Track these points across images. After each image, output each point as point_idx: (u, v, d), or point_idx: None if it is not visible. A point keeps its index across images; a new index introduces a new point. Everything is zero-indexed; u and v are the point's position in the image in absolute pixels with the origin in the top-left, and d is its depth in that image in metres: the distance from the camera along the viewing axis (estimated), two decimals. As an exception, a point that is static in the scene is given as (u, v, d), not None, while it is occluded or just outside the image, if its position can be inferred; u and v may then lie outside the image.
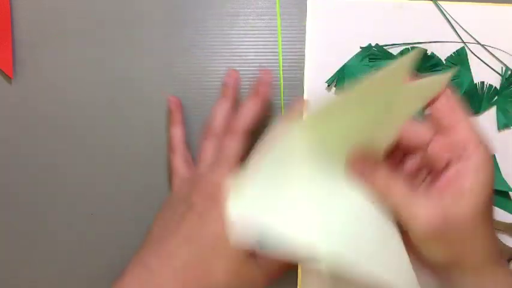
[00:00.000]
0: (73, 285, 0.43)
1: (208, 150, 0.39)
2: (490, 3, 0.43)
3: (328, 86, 0.43)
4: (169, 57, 0.43)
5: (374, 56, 0.42)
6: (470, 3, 0.43)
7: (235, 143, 0.38)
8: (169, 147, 0.41)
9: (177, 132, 0.41)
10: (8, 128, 0.43)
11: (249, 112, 0.39)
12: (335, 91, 0.43)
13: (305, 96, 0.43)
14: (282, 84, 0.43)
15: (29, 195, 0.43)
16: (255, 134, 0.39)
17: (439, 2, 0.43)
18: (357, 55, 0.42)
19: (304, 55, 0.43)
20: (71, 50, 0.43)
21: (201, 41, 0.43)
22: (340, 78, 0.42)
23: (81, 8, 0.43)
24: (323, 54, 0.43)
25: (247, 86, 0.43)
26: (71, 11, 0.43)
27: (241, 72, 0.43)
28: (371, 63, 0.42)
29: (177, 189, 0.39)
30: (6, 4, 0.42)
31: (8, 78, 0.43)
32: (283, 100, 0.43)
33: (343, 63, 0.42)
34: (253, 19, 0.43)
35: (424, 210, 0.30)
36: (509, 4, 0.43)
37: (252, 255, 0.36)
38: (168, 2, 0.43)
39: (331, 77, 0.42)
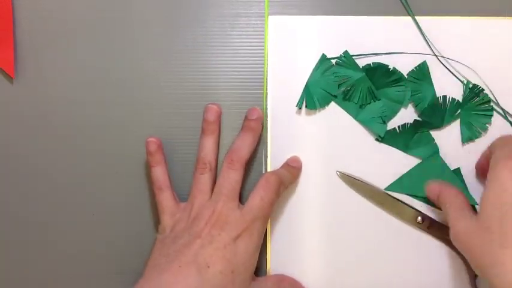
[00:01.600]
0: (73, 285, 0.44)
1: (204, 183, 0.40)
2: (451, 16, 0.42)
3: (300, 108, 0.42)
4: (171, 58, 0.43)
5: (340, 63, 0.42)
6: (429, 17, 0.42)
7: (237, 175, 0.40)
8: (155, 187, 0.41)
9: (161, 171, 0.41)
10: (9, 128, 0.43)
11: (246, 145, 0.41)
12: (306, 111, 0.42)
13: (269, 115, 0.43)
14: (265, 92, 0.43)
15: (29, 195, 0.43)
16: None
17: (402, 16, 0.42)
18: (315, 70, 0.42)
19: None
20: (72, 50, 0.43)
21: (201, 42, 0.43)
22: (308, 98, 0.42)
23: (82, 9, 0.43)
24: (286, 72, 0.43)
25: (249, 88, 0.43)
26: (72, 12, 0.43)
27: (243, 73, 0.43)
28: (334, 75, 0.42)
29: (170, 224, 0.40)
30: (8, 4, 0.43)
31: (10, 78, 0.43)
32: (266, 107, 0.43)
33: (305, 82, 0.42)
34: (255, 20, 0.43)
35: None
36: (475, 17, 0.42)
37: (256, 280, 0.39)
38: (168, 3, 0.43)
39: (299, 99, 0.42)
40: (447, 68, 0.42)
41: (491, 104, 0.42)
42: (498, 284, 0.32)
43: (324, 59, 0.42)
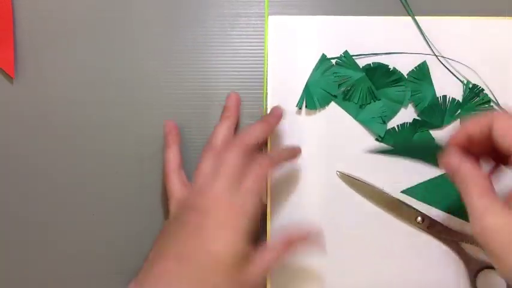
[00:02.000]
0: (73, 285, 0.44)
1: (206, 164, 0.39)
2: (451, 16, 0.42)
3: (300, 108, 0.42)
4: (171, 58, 0.43)
5: (340, 63, 0.42)
6: (429, 17, 0.42)
7: (233, 156, 0.37)
8: (165, 170, 0.40)
9: (173, 155, 0.41)
10: (9, 128, 0.43)
11: (251, 131, 0.39)
12: (306, 111, 0.42)
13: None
14: (265, 92, 0.43)
15: (29, 195, 0.43)
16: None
17: (402, 16, 0.43)
18: (315, 70, 0.42)
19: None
20: (71, 50, 0.43)
21: (201, 42, 0.43)
22: (308, 98, 0.42)
23: (82, 9, 0.43)
24: (285, 72, 0.43)
25: (249, 88, 0.43)
26: (72, 12, 0.43)
27: (243, 73, 0.43)
28: (334, 75, 0.42)
29: (174, 210, 0.39)
30: (8, 4, 0.43)
31: (10, 78, 0.43)
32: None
33: (305, 82, 0.42)
34: (255, 20, 0.43)
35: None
36: (475, 17, 0.42)
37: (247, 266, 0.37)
38: (168, 3, 0.43)
39: (299, 99, 0.42)
40: (447, 68, 0.42)
41: (491, 104, 0.42)
42: None
43: (324, 59, 0.42)
